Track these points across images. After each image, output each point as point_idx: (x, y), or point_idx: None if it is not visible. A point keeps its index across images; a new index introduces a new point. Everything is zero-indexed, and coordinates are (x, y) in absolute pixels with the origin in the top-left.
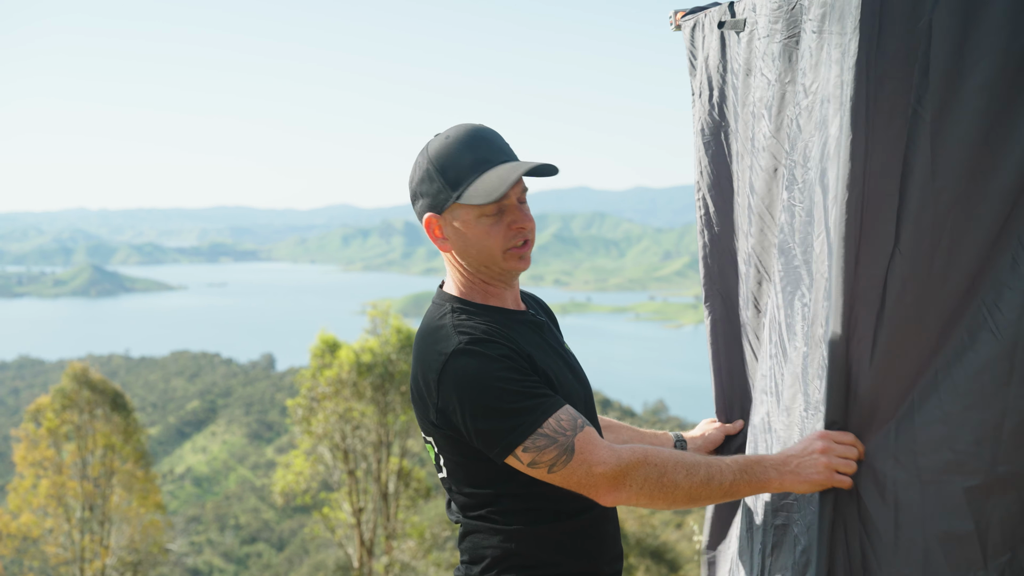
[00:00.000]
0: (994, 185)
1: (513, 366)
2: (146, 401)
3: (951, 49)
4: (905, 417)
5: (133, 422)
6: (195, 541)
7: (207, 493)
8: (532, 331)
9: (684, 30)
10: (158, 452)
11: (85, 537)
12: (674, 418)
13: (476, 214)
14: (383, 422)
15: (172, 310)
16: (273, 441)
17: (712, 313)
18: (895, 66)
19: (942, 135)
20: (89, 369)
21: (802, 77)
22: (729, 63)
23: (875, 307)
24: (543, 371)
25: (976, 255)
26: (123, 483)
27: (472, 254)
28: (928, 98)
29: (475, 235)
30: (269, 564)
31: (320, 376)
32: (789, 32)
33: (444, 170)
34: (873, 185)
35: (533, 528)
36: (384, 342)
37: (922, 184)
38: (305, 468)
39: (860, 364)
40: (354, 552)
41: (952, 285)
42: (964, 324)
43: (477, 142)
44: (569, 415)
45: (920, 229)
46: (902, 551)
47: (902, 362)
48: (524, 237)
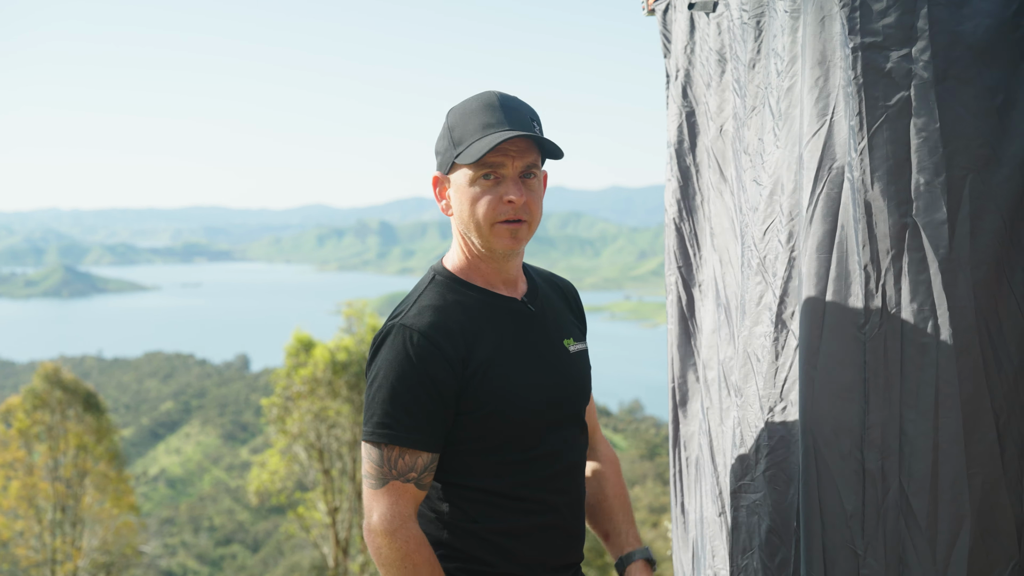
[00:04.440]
0: (1010, 150)
1: (423, 379)
2: (119, 402)
3: (950, 11)
4: None
5: (106, 422)
6: (169, 543)
7: (181, 494)
8: (513, 320)
9: (657, 13)
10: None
11: (57, 539)
12: (650, 417)
13: (470, 177)
14: (358, 421)
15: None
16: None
17: (671, 293)
18: (888, 34)
19: (948, 99)
20: (61, 369)
21: (775, 56)
22: (698, 44)
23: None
24: (491, 371)
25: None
26: (96, 484)
27: (463, 219)
28: (931, 61)
29: (465, 199)
30: (244, 566)
31: (295, 375)
32: (758, 10)
33: (453, 128)
34: (880, 159)
35: (466, 524)
36: (359, 341)
37: (932, 150)
38: (280, 467)
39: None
40: (329, 552)
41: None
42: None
43: (491, 108)
44: (408, 463)
45: (933, 198)
46: None
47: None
48: (515, 213)
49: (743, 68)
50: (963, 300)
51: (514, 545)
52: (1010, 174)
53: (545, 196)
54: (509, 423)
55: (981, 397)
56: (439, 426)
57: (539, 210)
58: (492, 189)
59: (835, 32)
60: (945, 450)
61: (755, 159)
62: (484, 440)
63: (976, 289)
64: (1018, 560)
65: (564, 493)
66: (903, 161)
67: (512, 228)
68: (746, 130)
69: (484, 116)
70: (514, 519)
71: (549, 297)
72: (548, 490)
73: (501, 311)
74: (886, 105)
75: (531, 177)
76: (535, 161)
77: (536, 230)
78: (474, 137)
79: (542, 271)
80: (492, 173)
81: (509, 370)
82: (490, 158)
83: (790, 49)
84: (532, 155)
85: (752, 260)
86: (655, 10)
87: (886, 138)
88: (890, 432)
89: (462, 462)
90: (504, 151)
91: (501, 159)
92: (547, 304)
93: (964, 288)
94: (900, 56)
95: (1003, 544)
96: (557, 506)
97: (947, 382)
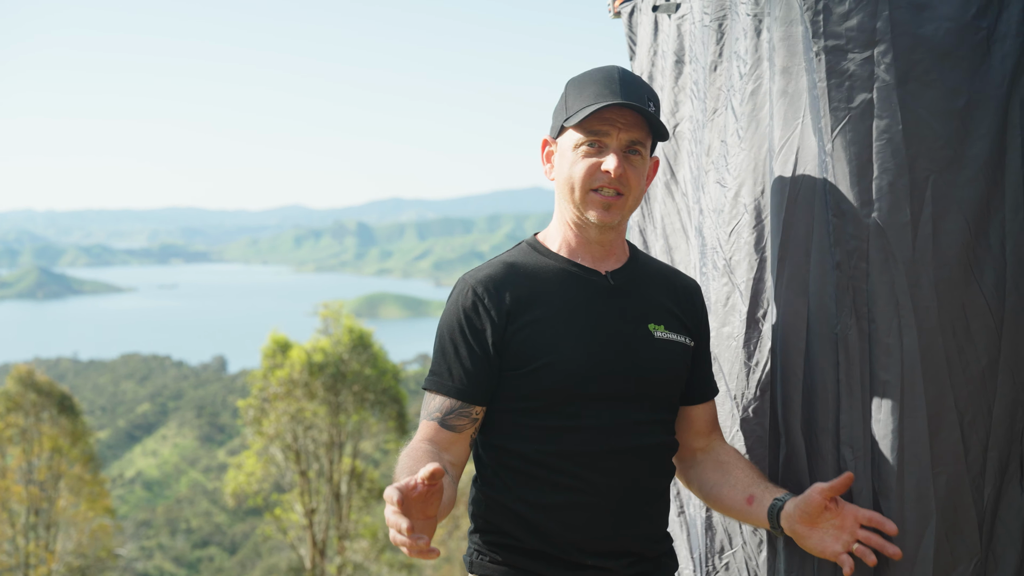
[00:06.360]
0: (971, 151)
1: (460, 327)
2: (95, 404)
3: (911, 14)
4: None
5: (81, 425)
6: (145, 546)
7: (158, 497)
8: (584, 289)
9: (623, 16)
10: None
11: (30, 543)
12: None
13: (574, 141)
14: (335, 422)
15: (122, 312)
16: (225, 444)
17: None
18: (851, 37)
19: (910, 101)
20: (35, 372)
21: (737, 59)
22: (660, 46)
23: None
24: (541, 329)
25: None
26: (71, 487)
27: (561, 183)
28: (893, 64)
29: (566, 163)
30: (221, 568)
31: (272, 376)
32: (720, 13)
33: (568, 95)
34: (844, 161)
35: (499, 493)
36: (336, 342)
37: (894, 152)
38: (257, 468)
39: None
40: (307, 553)
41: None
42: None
43: (609, 79)
44: (435, 404)
45: (897, 199)
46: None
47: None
48: (612, 184)
49: (703, 70)
50: (927, 300)
51: (543, 520)
52: (972, 176)
53: (523, 197)
54: (552, 385)
55: (945, 396)
56: (474, 374)
57: (640, 188)
58: (593, 156)
59: (800, 36)
60: (911, 450)
61: (718, 161)
62: (527, 400)
63: (940, 289)
64: (981, 557)
65: (611, 475)
66: (866, 163)
67: (606, 200)
68: (706, 132)
69: (600, 86)
70: (547, 491)
71: (648, 283)
72: (590, 468)
73: (574, 278)
74: (849, 107)
75: (636, 154)
76: (642, 139)
77: (635, 209)
78: (585, 103)
79: (664, 265)
80: (596, 141)
81: (562, 332)
82: (596, 125)
83: (753, 52)
84: (640, 132)
85: (718, 261)
86: (620, 12)
87: (849, 140)
88: (858, 432)
89: (505, 421)
90: (612, 121)
91: (607, 128)
92: (639, 286)
93: (928, 288)
94: (862, 59)
95: (967, 541)
96: (598, 486)
97: (912, 382)
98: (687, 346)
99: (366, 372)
